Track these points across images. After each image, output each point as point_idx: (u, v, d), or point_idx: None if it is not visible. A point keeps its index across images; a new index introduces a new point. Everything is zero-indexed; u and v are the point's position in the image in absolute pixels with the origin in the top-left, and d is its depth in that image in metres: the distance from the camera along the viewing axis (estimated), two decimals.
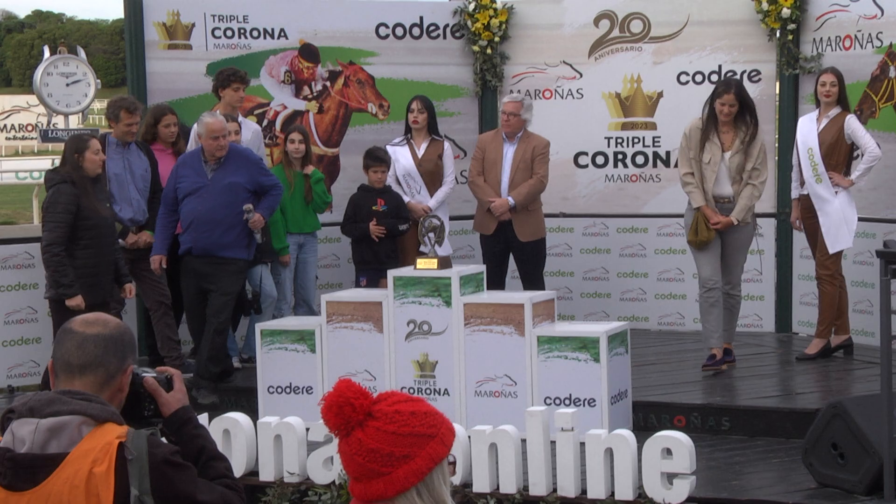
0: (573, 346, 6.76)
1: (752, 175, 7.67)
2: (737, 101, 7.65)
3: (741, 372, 7.97)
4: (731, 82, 7.89)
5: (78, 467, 2.59)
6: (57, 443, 2.62)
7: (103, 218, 7.25)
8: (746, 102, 7.74)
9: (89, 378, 2.74)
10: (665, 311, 9.60)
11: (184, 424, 2.91)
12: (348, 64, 9.50)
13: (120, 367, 2.78)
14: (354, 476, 2.17)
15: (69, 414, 2.64)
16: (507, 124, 8.62)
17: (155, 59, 9.00)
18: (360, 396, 2.17)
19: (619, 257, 9.63)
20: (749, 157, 7.65)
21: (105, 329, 2.77)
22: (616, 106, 9.68)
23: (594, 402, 6.70)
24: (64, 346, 2.75)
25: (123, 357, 2.78)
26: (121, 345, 2.78)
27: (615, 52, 9.67)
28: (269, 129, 9.27)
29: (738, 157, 7.65)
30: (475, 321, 6.94)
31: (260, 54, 9.25)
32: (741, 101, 7.68)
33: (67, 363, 2.74)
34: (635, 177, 9.65)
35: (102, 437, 2.63)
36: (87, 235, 7.14)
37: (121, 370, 2.78)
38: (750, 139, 7.68)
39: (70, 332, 2.77)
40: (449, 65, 9.75)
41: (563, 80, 9.73)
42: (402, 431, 2.14)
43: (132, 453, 2.60)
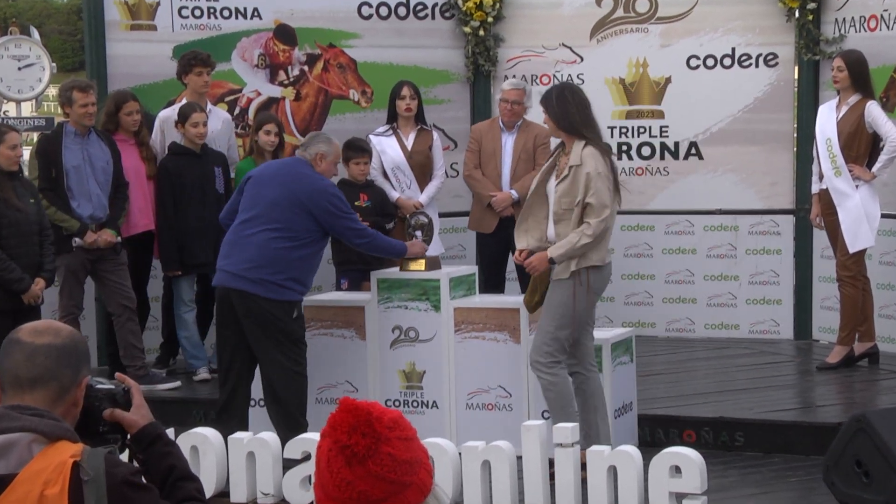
0: None
1: (586, 212, 6.15)
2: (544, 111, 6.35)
3: (757, 383, 7.98)
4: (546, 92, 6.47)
5: (28, 489, 2.56)
6: (5, 463, 2.59)
7: (22, 215, 7.25)
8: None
9: (41, 392, 2.71)
10: (674, 316, 9.60)
11: (153, 442, 2.89)
12: (328, 47, 9.48)
13: (74, 379, 2.75)
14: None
15: (18, 431, 2.61)
16: (509, 112, 8.61)
17: (116, 40, 8.97)
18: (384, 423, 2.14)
19: (623, 258, 9.60)
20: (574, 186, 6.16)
21: (57, 338, 2.74)
22: (620, 92, 9.67)
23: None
24: (12, 357, 2.72)
25: (78, 368, 2.75)
26: (74, 355, 2.75)
27: (619, 33, 9.66)
28: (241, 117, 9.24)
29: (564, 184, 6.20)
30: (466, 327, 6.93)
31: (231, 36, 9.23)
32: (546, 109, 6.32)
33: (16, 377, 2.71)
34: (641, 170, 9.65)
35: (55, 456, 2.60)
36: (3, 234, 7.14)
37: (75, 383, 2.76)
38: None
39: (18, 342, 2.73)
40: (438, 48, 9.73)
41: (563, 64, 9.72)
42: (390, 477, 2.14)
43: (88, 474, 2.58)
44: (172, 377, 8.35)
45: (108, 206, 7.93)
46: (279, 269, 6.59)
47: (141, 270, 8.42)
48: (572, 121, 6.22)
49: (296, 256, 6.61)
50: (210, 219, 8.25)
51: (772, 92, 9.37)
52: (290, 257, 6.60)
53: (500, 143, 8.64)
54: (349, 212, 6.76)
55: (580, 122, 6.22)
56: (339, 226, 6.67)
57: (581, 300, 6.18)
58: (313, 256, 6.72)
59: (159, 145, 8.46)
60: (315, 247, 6.71)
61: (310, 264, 6.72)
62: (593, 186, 6.08)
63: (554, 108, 6.24)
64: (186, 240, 8.24)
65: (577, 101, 6.29)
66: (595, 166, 6.11)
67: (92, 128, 7.89)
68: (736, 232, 9.46)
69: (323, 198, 6.63)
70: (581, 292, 6.16)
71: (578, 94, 6.36)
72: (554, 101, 6.26)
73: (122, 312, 7.99)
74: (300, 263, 6.63)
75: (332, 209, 6.64)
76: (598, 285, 6.28)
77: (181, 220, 8.25)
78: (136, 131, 8.29)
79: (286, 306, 6.62)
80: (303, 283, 6.69)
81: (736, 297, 9.47)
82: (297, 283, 6.63)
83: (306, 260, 6.67)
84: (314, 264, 6.78)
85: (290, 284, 6.60)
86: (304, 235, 6.62)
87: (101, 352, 8.63)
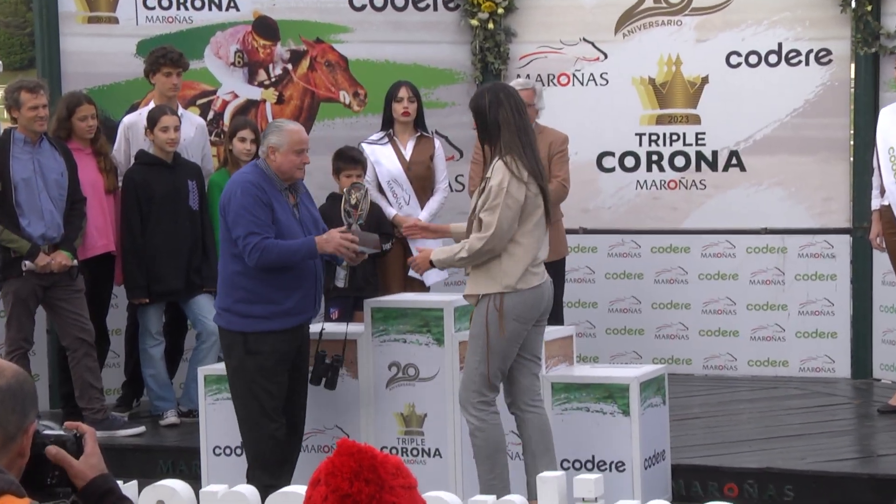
0: (597, 395, 6.73)
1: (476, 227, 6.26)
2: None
3: (809, 428, 7.96)
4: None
5: None
6: None
7: None
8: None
9: None
10: (712, 351, 9.58)
11: (103, 497, 2.89)
12: (315, 42, 9.49)
13: (20, 426, 2.74)
14: None
15: None
16: None
17: (71, 35, 8.98)
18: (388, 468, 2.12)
19: (654, 284, 9.61)
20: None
21: (0, 379, 2.72)
22: (649, 94, 9.68)
23: (623, 466, 6.67)
24: None
25: (24, 413, 2.75)
26: (20, 398, 2.75)
27: (648, 26, 9.67)
28: (215, 122, 9.25)
29: (480, 199, 6.30)
30: None
31: (204, 30, 9.24)
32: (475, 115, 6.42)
33: None
34: (674, 183, 9.65)
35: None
36: None
37: (21, 430, 2.75)
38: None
39: None
40: (441, 43, 9.73)
41: (584, 62, 9.72)
42: None
43: None
44: (136, 422, 8.33)
45: (62, 224, 7.93)
46: (226, 291, 6.57)
47: (100, 298, 8.41)
48: (502, 130, 6.23)
49: (238, 270, 6.47)
50: (182, 239, 8.27)
51: (824, 93, 9.36)
52: (231, 272, 6.51)
53: None
54: (241, 214, 6.37)
55: (510, 132, 6.25)
56: (232, 233, 6.39)
57: (494, 329, 6.22)
58: (259, 271, 6.42)
59: (123, 156, 8.46)
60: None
61: (258, 278, 6.44)
62: (490, 202, 6.18)
63: (484, 114, 6.28)
64: (154, 263, 8.25)
65: (513, 106, 6.31)
66: (500, 181, 6.17)
67: (44, 135, 7.90)
68: (784, 255, 9.44)
69: (226, 195, 6.53)
70: (494, 320, 6.21)
71: (514, 98, 6.37)
72: (486, 105, 6.27)
73: (77, 347, 7.97)
74: (243, 279, 6.47)
75: (229, 211, 6.42)
76: (520, 311, 6.27)
77: (149, 241, 8.25)
78: (92, 139, 8.29)
79: (232, 338, 6.55)
80: (254, 301, 6.44)
81: (784, 329, 9.44)
82: (247, 303, 6.45)
83: (252, 276, 6.44)
84: (268, 278, 6.45)
85: (239, 308, 6.48)
86: (232, 244, 6.50)
87: (54, 393, 8.61)
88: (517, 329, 6.31)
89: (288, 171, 6.58)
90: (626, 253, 9.71)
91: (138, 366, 8.48)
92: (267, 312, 6.50)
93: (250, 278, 6.48)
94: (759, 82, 9.47)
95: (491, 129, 6.27)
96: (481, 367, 6.30)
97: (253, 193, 6.44)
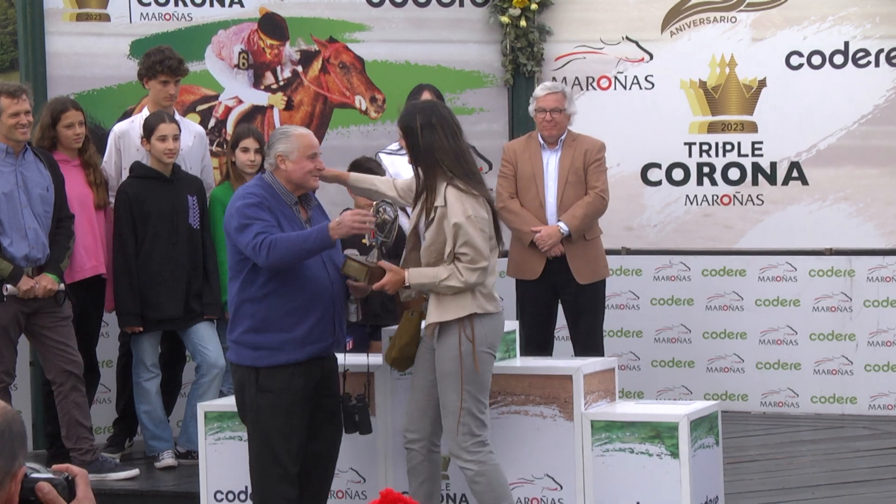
0: (642, 434, 6.70)
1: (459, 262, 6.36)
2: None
3: (879, 473, 7.93)
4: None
5: None
6: None
7: None
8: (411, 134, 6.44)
9: None
10: (771, 385, 9.57)
11: None
12: (328, 42, 9.51)
13: (8, 469, 2.74)
14: None
15: None
16: (549, 125, 8.62)
17: (58, 34, 9.01)
18: None
19: (705, 311, 9.61)
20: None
21: None
22: (700, 99, 9.68)
23: None
24: None
25: (13, 455, 2.74)
26: (8, 439, 2.74)
27: (699, 24, 9.68)
28: (217, 131, 9.27)
29: (431, 230, 6.40)
30: (504, 399, 6.89)
31: (205, 28, 9.27)
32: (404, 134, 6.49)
33: None
34: (727, 198, 9.64)
35: None
36: None
37: (9, 474, 2.75)
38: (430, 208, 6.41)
39: None
40: (468, 42, 9.76)
41: (627, 63, 9.74)
42: None
43: None
44: (128, 464, 8.32)
45: (47, 244, 7.93)
46: (235, 321, 6.54)
47: (89, 326, 8.41)
48: (437, 156, 6.31)
49: (245, 298, 6.46)
50: (181, 260, 8.26)
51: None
52: (238, 300, 6.49)
53: (541, 163, 8.65)
54: (245, 223, 6.35)
55: (450, 157, 6.33)
56: (238, 242, 6.37)
57: (469, 362, 6.31)
58: (267, 295, 6.39)
59: (113, 168, 8.47)
60: (256, 273, 6.38)
61: (265, 303, 6.41)
62: (462, 235, 6.25)
63: (416, 136, 6.33)
64: (150, 287, 8.24)
65: (448, 127, 6.38)
66: (462, 211, 6.26)
67: (28, 144, 7.91)
68: (851, 278, 9.42)
69: (229, 211, 6.52)
70: (468, 352, 6.31)
71: (448, 117, 6.43)
72: (418, 128, 6.34)
73: (64, 380, 7.96)
74: (250, 306, 6.44)
75: (231, 223, 6.39)
76: (491, 340, 6.40)
77: (144, 262, 8.26)
78: (80, 149, 8.29)
79: (243, 374, 6.53)
80: (262, 330, 6.40)
81: (852, 361, 9.41)
82: (254, 333, 6.42)
83: (259, 301, 6.42)
84: (276, 302, 6.41)
85: (247, 339, 6.45)
86: (238, 267, 6.47)
87: (38, 431, 8.61)
88: (489, 359, 6.42)
89: (302, 180, 6.52)
90: (674, 276, 9.71)
91: (131, 401, 8.46)
92: (277, 342, 6.42)
93: (257, 303, 6.44)
94: (822, 86, 9.46)
95: (425, 155, 6.34)
96: (466, 403, 6.34)
97: (255, 201, 6.42)
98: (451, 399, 6.35)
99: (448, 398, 6.37)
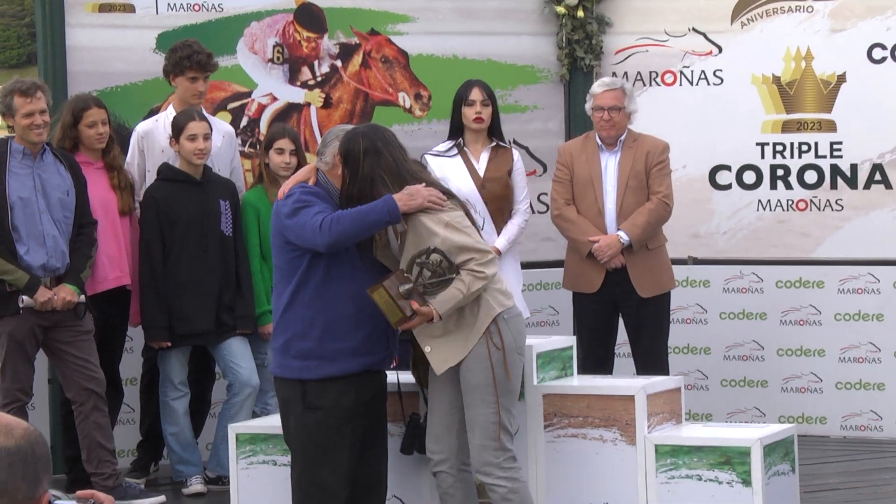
0: (711, 460, 6.68)
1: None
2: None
3: None
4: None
5: None
6: None
7: None
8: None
9: None
10: (852, 408, 9.54)
11: None
12: (369, 34, 9.53)
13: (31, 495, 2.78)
14: None
15: None
16: (607, 125, 8.63)
17: (79, 26, 9.03)
18: None
19: (779, 325, 9.59)
20: None
21: (8, 440, 2.79)
22: (774, 96, 9.66)
23: None
24: None
25: (36, 480, 2.79)
26: (31, 462, 2.79)
27: (772, 13, 9.67)
28: (249, 131, 9.29)
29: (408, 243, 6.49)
30: (560, 422, 6.90)
31: (236, 20, 9.30)
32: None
33: None
34: (804, 203, 9.61)
35: None
36: None
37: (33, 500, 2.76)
38: None
39: None
40: (521, 34, 9.79)
41: (693, 56, 9.75)
42: None
43: None
44: (154, 490, 8.37)
45: (67, 252, 7.97)
46: (279, 328, 6.48)
47: (112, 341, 8.45)
48: (375, 184, 6.25)
49: (296, 301, 6.37)
50: (212, 270, 8.29)
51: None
52: (283, 303, 6.43)
53: (599, 166, 8.65)
54: (302, 205, 6.28)
55: (406, 177, 6.30)
56: (292, 226, 6.27)
57: (501, 371, 6.31)
58: (321, 298, 6.34)
59: (137, 170, 8.51)
60: (309, 273, 6.33)
61: (314, 306, 6.35)
62: (452, 248, 6.20)
63: (356, 163, 6.28)
64: (179, 299, 8.29)
65: (392, 153, 6.34)
66: (436, 222, 6.22)
67: (47, 145, 7.94)
68: None
69: (276, 208, 6.46)
70: (499, 361, 6.30)
71: (392, 142, 6.39)
72: (360, 153, 6.30)
73: (85, 400, 8.00)
74: (300, 309, 6.36)
75: (283, 210, 6.33)
76: (519, 341, 6.42)
77: (172, 272, 8.30)
78: (103, 150, 8.33)
79: (289, 389, 6.47)
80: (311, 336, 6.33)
81: None
82: (302, 340, 6.34)
83: (311, 304, 6.35)
84: (328, 305, 6.35)
85: (294, 347, 6.36)
86: (290, 267, 6.39)
87: (56, 455, 8.60)
88: (519, 364, 6.43)
89: None
90: (745, 288, 9.69)
91: (157, 422, 8.50)
92: (328, 351, 6.33)
93: (308, 307, 6.34)
94: None
95: (363, 183, 6.27)
96: (499, 416, 6.33)
97: (312, 189, 6.36)
98: (481, 412, 6.31)
99: (477, 411, 6.32)
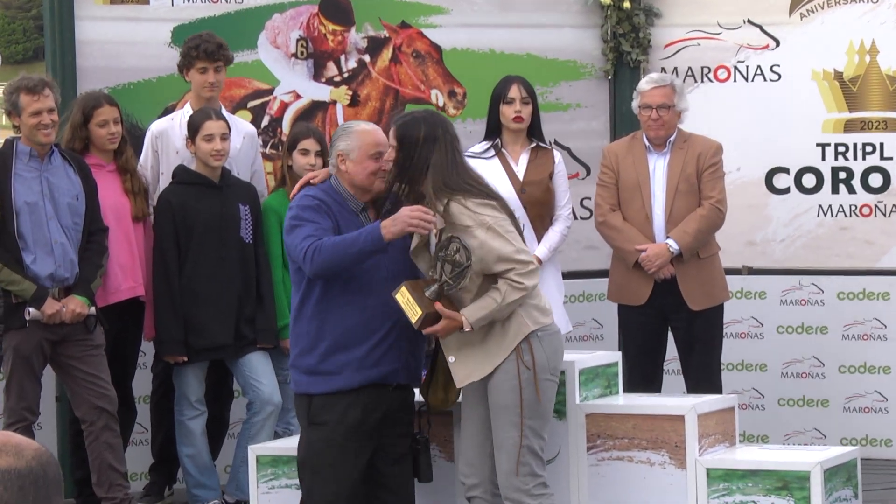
0: (767, 485, 6.70)
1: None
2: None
3: None
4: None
5: None
6: None
7: None
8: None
9: None
10: None
11: None
12: (400, 27, 9.54)
13: None
14: None
15: None
16: (655, 124, 8.63)
17: (90, 19, 9.07)
18: None
19: (841, 340, 9.58)
20: None
21: (19, 461, 2.77)
22: (835, 93, 9.66)
23: None
24: None
25: (47, 502, 2.76)
26: (43, 485, 2.77)
27: (833, 5, 9.66)
28: (271, 130, 9.30)
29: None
30: (605, 443, 6.93)
31: (258, 12, 9.33)
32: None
33: None
34: (868, 208, 9.61)
35: None
36: None
37: None
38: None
39: None
40: (563, 27, 9.80)
41: (749, 50, 9.74)
42: None
43: None
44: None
45: (77, 261, 7.99)
46: (293, 342, 6.69)
47: (124, 356, 8.46)
48: (430, 173, 6.41)
49: (302, 314, 6.56)
50: (230, 279, 8.30)
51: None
52: (294, 317, 6.62)
53: (647, 169, 8.66)
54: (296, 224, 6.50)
55: (453, 172, 6.45)
56: (287, 245, 6.58)
57: (530, 392, 6.36)
58: (325, 310, 6.47)
59: (150, 172, 8.53)
60: (312, 286, 6.48)
61: (319, 318, 6.49)
62: (492, 255, 6.34)
63: (412, 147, 6.44)
64: (195, 311, 8.30)
65: (450, 142, 6.51)
66: (476, 220, 6.37)
67: (55, 147, 7.96)
68: None
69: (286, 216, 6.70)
70: (528, 381, 6.36)
71: (451, 129, 6.59)
72: (418, 143, 6.45)
73: (95, 418, 8.02)
74: (307, 322, 6.52)
75: (284, 223, 6.64)
76: (553, 363, 6.47)
77: (189, 282, 8.32)
78: (115, 151, 8.35)
79: (299, 404, 6.68)
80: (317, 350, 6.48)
81: None
82: (309, 354, 6.50)
83: (315, 317, 6.50)
84: (334, 316, 6.49)
85: (302, 362, 6.56)
86: (297, 278, 6.59)
87: (65, 477, 8.62)
88: (551, 387, 6.49)
89: (364, 183, 6.59)
90: (804, 300, 9.68)
91: (171, 443, 8.50)
92: (333, 365, 6.47)
93: (313, 320, 6.52)
94: None
95: (415, 169, 6.43)
96: (527, 440, 6.40)
97: (313, 203, 6.53)
98: (509, 435, 6.40)
99: (504, 434, 6.41)
